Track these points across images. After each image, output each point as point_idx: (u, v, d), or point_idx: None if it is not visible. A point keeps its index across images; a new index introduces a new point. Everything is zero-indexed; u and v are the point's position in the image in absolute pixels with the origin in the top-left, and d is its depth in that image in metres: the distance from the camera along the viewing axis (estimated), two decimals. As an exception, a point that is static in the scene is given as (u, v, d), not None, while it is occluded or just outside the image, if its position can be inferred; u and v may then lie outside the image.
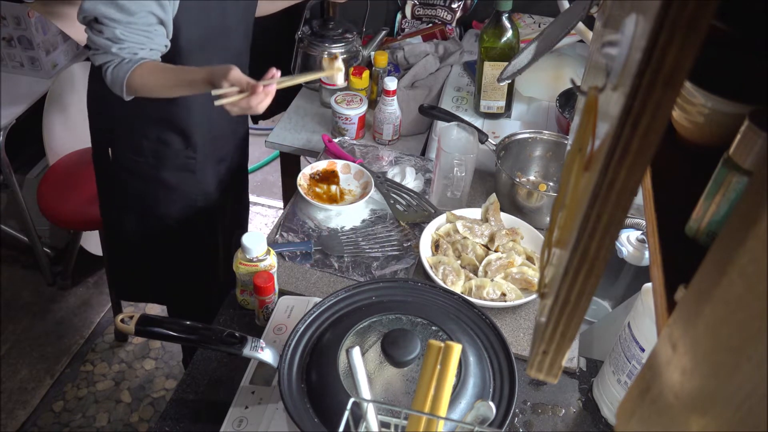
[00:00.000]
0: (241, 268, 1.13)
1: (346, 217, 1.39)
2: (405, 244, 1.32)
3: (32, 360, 2.16)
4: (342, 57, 1.83)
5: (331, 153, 1.56)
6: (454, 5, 1.94)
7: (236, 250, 1.14)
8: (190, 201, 1.55)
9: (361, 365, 0.75)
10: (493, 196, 1.36)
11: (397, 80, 1.61)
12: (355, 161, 1.50)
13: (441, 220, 1.33)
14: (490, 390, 0.87)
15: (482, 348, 0.91)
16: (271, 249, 1.15)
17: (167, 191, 1.51)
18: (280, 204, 2.67)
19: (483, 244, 1.29)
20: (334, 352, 0.87)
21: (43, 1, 2.04)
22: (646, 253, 1.33)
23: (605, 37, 0.63)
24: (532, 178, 1.51)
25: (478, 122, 1.61)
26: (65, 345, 2.22)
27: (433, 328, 0.91)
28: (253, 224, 2.71)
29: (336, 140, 1.60)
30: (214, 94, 1.14)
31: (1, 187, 2.31)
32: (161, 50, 1.26)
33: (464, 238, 1.29)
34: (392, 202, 1.40)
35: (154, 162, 1.46)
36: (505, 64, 1.48)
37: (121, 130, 1.45)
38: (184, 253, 1.62)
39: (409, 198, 1.42)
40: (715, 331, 0.38)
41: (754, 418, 0.33)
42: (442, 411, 0.68)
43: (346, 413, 0.69)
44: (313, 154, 1.70)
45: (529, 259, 1.28)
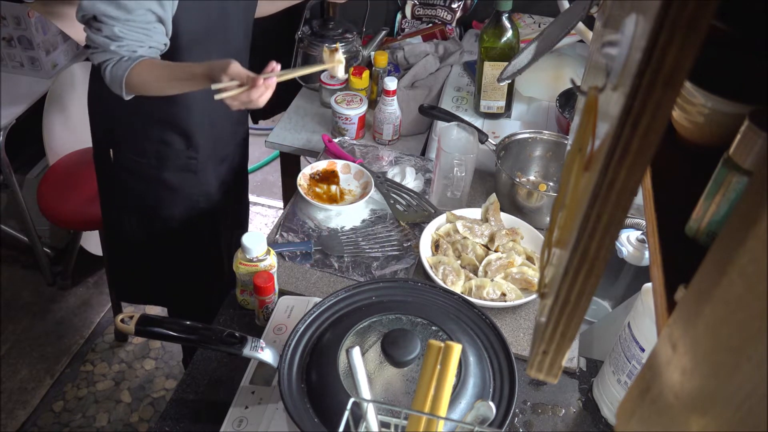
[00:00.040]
0: (241, 268, 1.13)
1: (346, 217, 1.39)
2: (405, 244, 1.32)
3: (32, 360, 2.16)
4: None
5: (331, 153, 1.56)
6: (454, 5, 1.94)
7: (236, 250, 1.14)
8: (192, 202, 1.55)
9: (361, 365, 0.75)
10: (493, 196, 1.36)
11: (397, 80, 1.61)
12: (355, 161, 1.50)
13: (441, 220, 1.33)
14: (490, 390, 0.87)
15: (482, 348, 0.91)
16: (271, 249, 1.15)
17: (169, 192, 1.51)
18: (280, 204, 2.67)
19: (483, 244, 1.29)
20: (334, 352, 0.87)
21: (43, 1, 2.04)
22: (646, 253, 1.33)
23: (605, 37, 0.63)
24: (532, 178, 1.51)
25: (478, 122, 1.61)
26: (65, 345, 2.22)
27: (433, 328, 0.91)
28: (253, 224, 2.71)
29: (336, 140, 1.60)
30: (214, 88, 1.12)
31: (1, 187, 2.31)
32: (160, 48, 1.26)
33: (464, 238, 1.29)
34: (392, 202, 1.40)
35: (156, 163, 1.46)
36: (505, 64, 1.48)
37: (122, 131, 1.44)
38: (186, 254, 1.62)
39: (409, 198, 1.42)
40: (715, 331, 0.38)
41: (754, 418, 0.33)
42: (442, 411, 0.68)
43: (346, 413, 0.69)
44: (313, 154, 1.70)
45: (529, 259, 1.28)
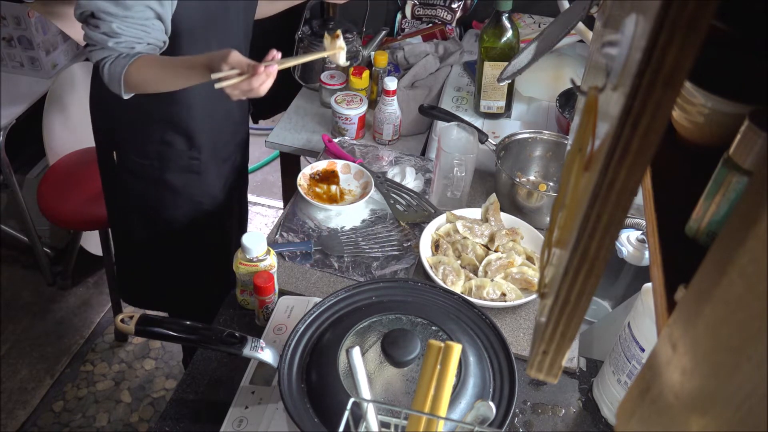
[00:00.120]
0: (241, 268, 1.13)
1: (346, 217, 1.39)
2: (405, 244, 1.32)
3: (32, 360, 2.16)
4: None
5: (331, 153, 1.56)
6: (454, 5, 1.94)
7: (236, 250, 1.14)
8: (196, 204, 1.54)
9: (361, 365, 0.75)
10: (493, 196, 1.36)
11: (397, 80, 1.61)
12: (355, 161, 1.50)
13: (441, 220, 1.33)
14: (490, 390, 0.87)
15: (482, 348, 0.91)
16: (271, 249, 1.15)
17: (172, 194, 1.50)
18: (280, 204, 2.67)
19: (483, 244, 1.29)
20: (334, 352, 0.87)
21: (43, 1, 2.04)
22: (646, 253, 1.33)
23: (605, 37, 0.63)
24: (532, 178, 1.51)
25: (478, 122, 1.61)
26: (65, 345, 2.22)
27: (433, 328, 0.91)
28: (253, 224, 2.71)
29: (336, 140, 1.60)
30: (214, 77, 1.10)
31: (1, 187, 2.31)
32: (159, 46, 1.24)
33: (464, 238, 1.29)
34: (392, 202, 1.40)
35: (159, 164, 1.45)
36: (505, 64, 1.48)
37: (124, 133, 1.44)
38: (193, 257, 1.61)
39: (409, 198, 1.42)
40: (715, 331, 0.38)
41: (754, 418, 0.33)
42: (442, 411, 0.68)
43: (346, 413, 0.69)
44: (313, 154, 1.70)
45: (529, 259, 1.28)
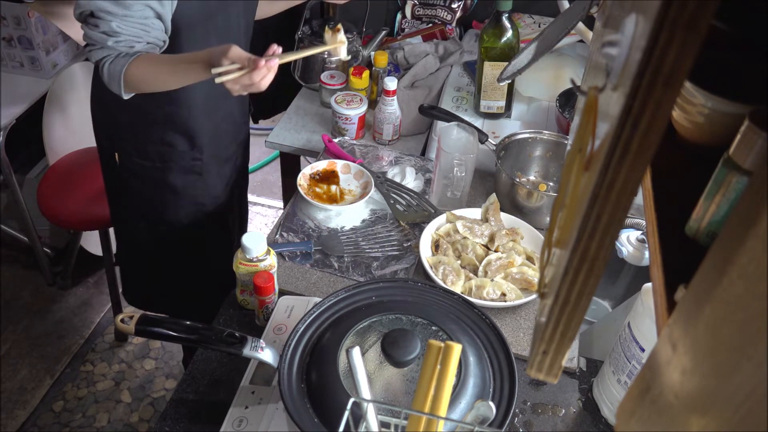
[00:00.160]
0: (241, 268, 1.13)
1: (346, 217, 1.39)
2: (405, 244, 1.32)
3: (32, 360, 2.16)
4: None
5: (331, 153, 1.56)
6: (454, 5, 1.94)
7: (236, 250, 1.14)
8: (198, 205, 1.54)
9: (361, 365, 0.75)
10: (493, 196, 1.36)
11: (397, 80, 1.61)
12: (355, 161, 1.50)
13: (441, 220, 1.33)
14: (490, 390, 0.87)
15: (482, 348, 0.91)
16: (271, 249, 1.15)
17: (175, 195, 1.50)
18: (280, 204, 2.67)
19: (483, 244, 1.29)
20: (334, 352, 0.87)
21: (43, 1, 2.04)
22: (646, 253, 1.33)
23: (605, 37, 0.63)
24: (532, 178, 1.51)
25: (478, 122, 1.61)
26: (65, 345, 2.22)
27: (433, 328, 0.91)
28: (253, 224, 2.71)
29: (336, 140, 1.60)
30: (215, 71, 1.10)
31: (1, 187, 2.31)
32: (159, 45, 1.23)
33: (464, 238, 1.29)
34: (392, 202, 1.40)
35: (161, 165, 1.45)
36: (505, 64, 1.48)
37: (125, 134, 1.43)
38: (195, 258, 1.61)
39: (409, 198, 1.42)
40: (715, 331, 0.38)
41: (754, 418, 0.33)
42: (442, 411, 0.68)
43: (346, 413, 0.69)
44: (313, 154, 1.70)
45: (529, 259, 1.28)
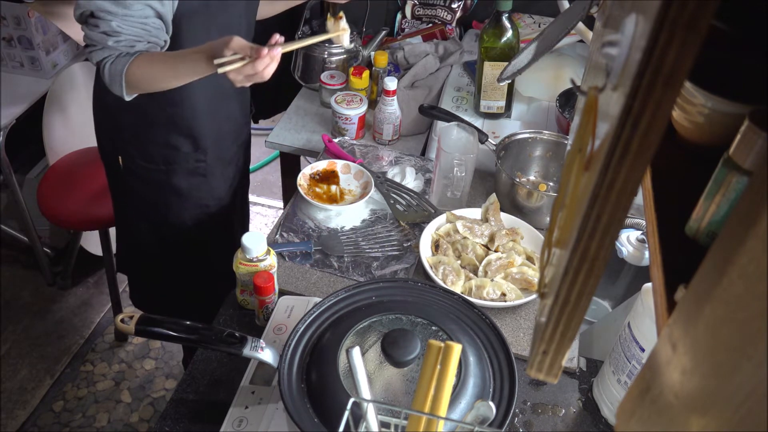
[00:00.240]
0: (241, 268, 1.13)
1: (346, 217, 1.39)
2: (405, 244, 1.32)
3: (32, 360, 2.16)
4: (342, 56, 1.83)
5: (331, 153, 1.56)
6: (454, 5, 1.94)
7: (236, 250, 1.14)
8: (203, 207, 1.54)
9: (361, 365, 0.75)
10: (493, 196, 1.36)
11: (397, 80, 1.61)
12: (355, 161, 1.50)
13: (441, 220, 1.33)
14: (490, 390, 0.87)
15: (482, 348, 0.91)
16: (271, 249, 1.15)
17: (179, 198, 1.50)
18: (280, 204, 2.67)
19: (483, 244, 1.29)
20: (334, 352, 0.87)
21: (43, 1, 2.04)
22: (646, 253, 1.33)
23: (605, 37, 0.63)
24: (532, 178, 1.51)
25: (478, 122, 1.61)
26: (65, 345, 2.22)
27: (433, 328, 0.91)
28: (253, 224, 2.71)
29: (336, 140, 1.60)
30: (217, 62, 1.09)
31: (1, 187, 2.31)
32: (160, 44, 1.23)
33: (464, 238, 1.29)
34: (392, 202, 1.40)
35: (165, 168, 1.45)
36: (505, 64, 1.48)
37: (129, 137, 1.43)
38: (199, 259, 1.61)
39: (409, 198, 1.42)
40: (715, 331, 0.38)
41: (754, 418, 0.33)
42: (442, 411, 0.68)
43: (346, 413, 0.69)
44: (313, 154, 1.70)
45: (529, 259, 1.28)
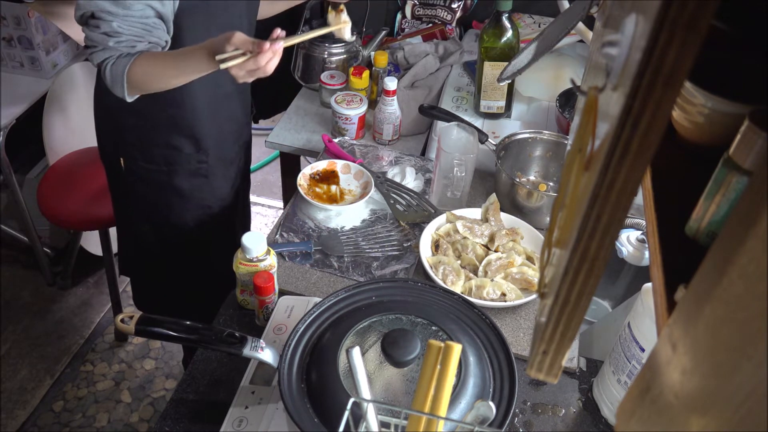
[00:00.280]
0: (241, 268, 1.13)
1: (346, 217, 1.39)
2: (405, 244, 1.32)
3: (32, 360, 2.16)
4: (342, 56, 1.83)
5: (331, 153, 1.56)
6: (454, 5, 1.94)
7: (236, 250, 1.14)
8: (204, 208, 1.54)
9: (361, 365, 0.75)
10: (493, 196, 1.36)
11: (397, 80, 1.61)
12: (355, 161, 1.50)
13: (441, 220, 1.33)
14: (490, 390, 0.87)
15: (482, 348, 0.91)
16: (271, 249, 1.15)
17: (181, 199, 1.49)
18: (280, 204, 2.67)
19: (483, 244, 1.29)
20: (334, 352, 0.87)
21: (43, 1, 2.04)
22: (646, 253, 1.33)
23: (605, 37, 0.63)
24: (532, 178, 1.51)
25: (478, 122, 1.61)
26: (65, 345, 2.22)
27: (433, 328, 0.91)
28: (253, 224, 2.70)
29: (336, 140, 1.60)
30: (218, 58, 1.09)
31: (1, 187, 2.31)
32: (161, 45, 1.23)
33: (464, 238, 1.29)
34: (392, 202, 1.40)
35: (167, 169, 1.44)
36: (505, 64, 1.48)
37: (131, 139, 1.42)
38: (201, 260, 1.60)
39: (409, 198, 1.42)
40: (715, 331, 0.38)
41: (754, 418, 0.33)
42: (442, 411, 0.68)
43: (346, 413, 0.69)
44: (313, 154, 1.70)
45: (529, 259, 1.28)
